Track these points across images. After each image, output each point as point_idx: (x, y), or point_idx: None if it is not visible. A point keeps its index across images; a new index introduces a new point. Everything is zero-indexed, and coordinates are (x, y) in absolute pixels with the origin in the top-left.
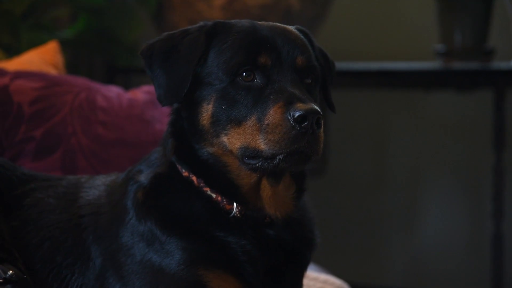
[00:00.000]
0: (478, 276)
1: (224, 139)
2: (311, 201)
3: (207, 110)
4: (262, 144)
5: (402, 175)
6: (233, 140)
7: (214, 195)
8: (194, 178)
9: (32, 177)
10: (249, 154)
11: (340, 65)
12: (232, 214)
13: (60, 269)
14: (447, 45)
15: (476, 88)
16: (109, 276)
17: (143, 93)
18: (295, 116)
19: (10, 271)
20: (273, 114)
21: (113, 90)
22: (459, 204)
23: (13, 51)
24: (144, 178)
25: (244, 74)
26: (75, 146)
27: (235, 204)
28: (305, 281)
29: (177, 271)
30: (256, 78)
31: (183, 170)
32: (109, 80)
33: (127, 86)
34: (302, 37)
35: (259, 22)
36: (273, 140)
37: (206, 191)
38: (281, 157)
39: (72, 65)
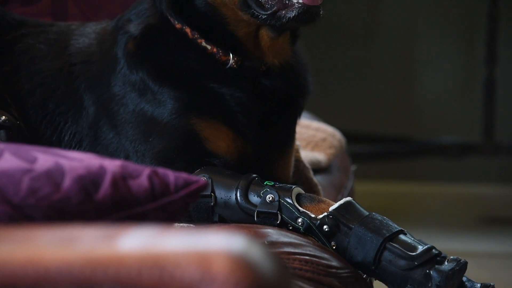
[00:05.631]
0: (470, 122)
1: None
2: (303, 48)
3: None
4: None
5: (396, 22)
6: None
7: (209, 47)
8: (188, 30)
9: (22, 22)
10: None
11: None
12: (228, 65)
13: (53, 117)
14: None
15: None
16: (103, 125)
17: None
18: None
19: (3, 117)
20: None
21: None
22: (453, 50)
23: None
24: (134, 28)
25: None
26: None
27: (231, 55)
28: (297, 129)
29: (169, 120)
30: None
31: (176, 22)
32: None
33: None
34: None
35: None
36: None
37: (201, 43)
38: (291, 15)
39: None
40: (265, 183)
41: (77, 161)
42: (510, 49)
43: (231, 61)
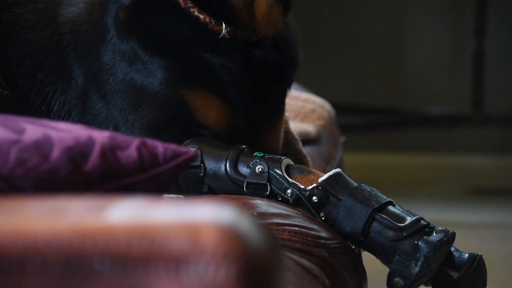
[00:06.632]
0: (459, 93)
1: None
2: (293, 20)
3: None
4: None
5: None
6: None
7: (202, 16)
8: None
9: None
10: None
11: None
12: (221, 35)
13: (42, 87)
14: None
15: None
16: (91, 94)
17: None
18: None
19: None
20: None
21: None
22: (442, 21)
23: None
24: None
25: None
26: None
27: (224, 24)
28: (287, 100)
29: (159, 90)
30: None
31: None
32: None
33: None
34: None
35: None
36: None
37: (193, 12)
38: None
39: None
40: (254, 154)
41: (65, 132)
42: (499, 19)
43: (224, 31)
